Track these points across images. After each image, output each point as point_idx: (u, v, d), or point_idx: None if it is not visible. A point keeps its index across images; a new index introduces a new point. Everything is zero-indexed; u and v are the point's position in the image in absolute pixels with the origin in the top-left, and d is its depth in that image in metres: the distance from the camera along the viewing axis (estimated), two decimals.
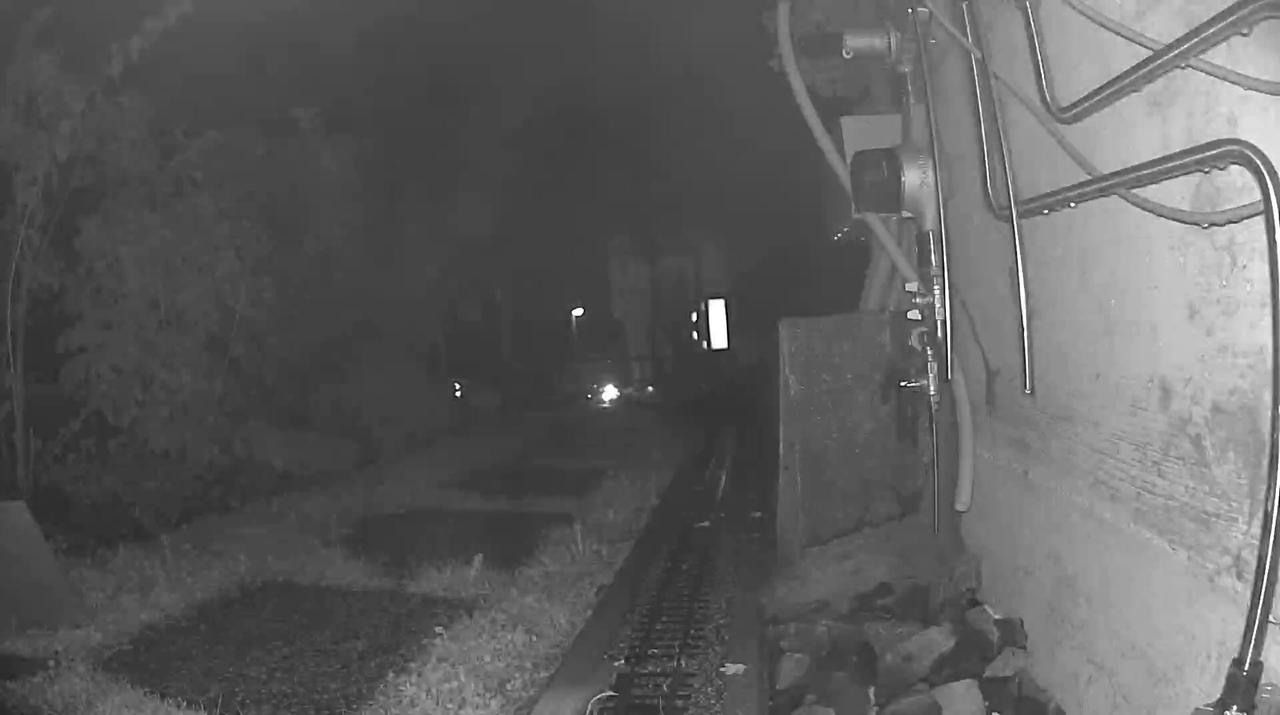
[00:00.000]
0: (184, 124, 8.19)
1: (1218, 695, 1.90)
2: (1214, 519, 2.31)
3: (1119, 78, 2.42)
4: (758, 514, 6.83)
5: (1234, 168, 2.03)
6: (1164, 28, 2.26)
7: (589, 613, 4.83)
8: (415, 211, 13.36)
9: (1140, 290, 2.65)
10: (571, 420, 18.11)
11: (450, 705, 3.74)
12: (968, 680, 3.27)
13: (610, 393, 22.48)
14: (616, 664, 3.98)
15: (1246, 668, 1.84)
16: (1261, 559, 1.82)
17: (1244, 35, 1.91)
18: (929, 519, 4.35)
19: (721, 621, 4.52)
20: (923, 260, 4.13)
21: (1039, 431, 3.55)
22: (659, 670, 3.90)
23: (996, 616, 3.69)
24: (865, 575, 4.51)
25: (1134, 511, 2.75)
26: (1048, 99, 2.84)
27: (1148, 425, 2.65)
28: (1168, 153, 2.28)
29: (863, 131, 4.80)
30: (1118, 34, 2.45)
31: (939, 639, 3.61)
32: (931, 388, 4.09)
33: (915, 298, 4.08)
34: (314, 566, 6.00)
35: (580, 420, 18.43)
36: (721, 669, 3.87)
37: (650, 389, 22.60)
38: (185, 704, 3.80)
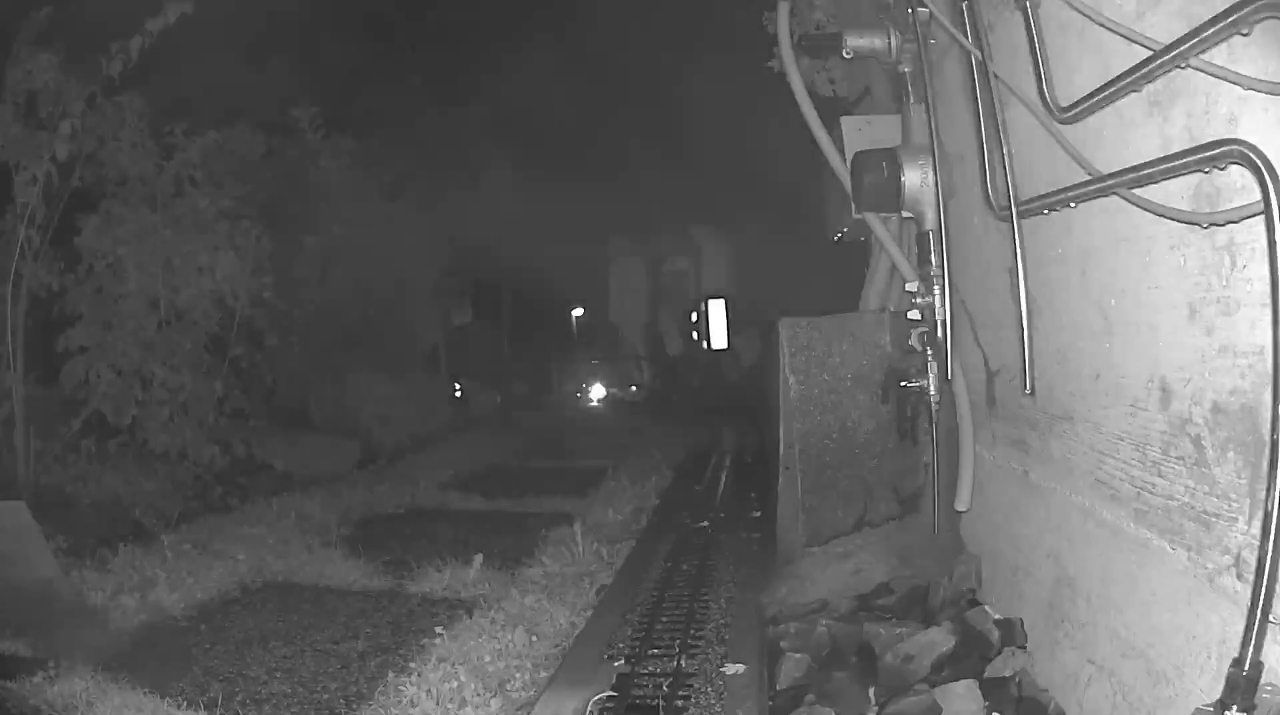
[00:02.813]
0: (184, 124, 8.19)
1: (1218, 695, 1.91)
2: (1214, 519, 2.31)
3: (1119, 78, 2.42)
4: (757, 514, 6.82)
5: (1234, 168, 2.03)
6: (1164, 28, 2.26)
7: (589, 613, 4.83)
8: (415, 211, 13.37)
9: (1140, 290, 2.65)
10: (571, 420, 18.12)
11: (450, 705, 3.74)
12: (968, 680, 3.27)
13: (598, 392, 22.54)
14: (616, 664, 3.97)
15: (1246, 668, 1.84)
16: (1261, 559, 1.82)
17: (1244, 35, 1.92)
18: (929, 519, 4.35)
19: (721, 621, 4.51)
20: (923, 260, 4.13)
21: (1039, 431, 3.55)
22: (659, 670, 3.90)
23: (996, 616, 3.68)
24: (865, 575, 4.51)
25: (1134, 511, 2.75)
26: (1048, 99, 2.85)
27: (1148, 425, 2.65)
28: (1168, 153, 2.28)
29: (863, 131, 4.80)
30: (1118, 34, 2.45)
31: (939, 639, 3.61)
32: (931, 388, 4.09)
33: (915, 298, 4.08)
34: (314, 566, 6.00)
35: (580, 420, 18.44)
36: (721, 669, 3.87)
37: (634, 389, 22.61)
38: (185, 704, 3.79)
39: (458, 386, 17.12)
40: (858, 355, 4.46)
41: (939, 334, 3.96)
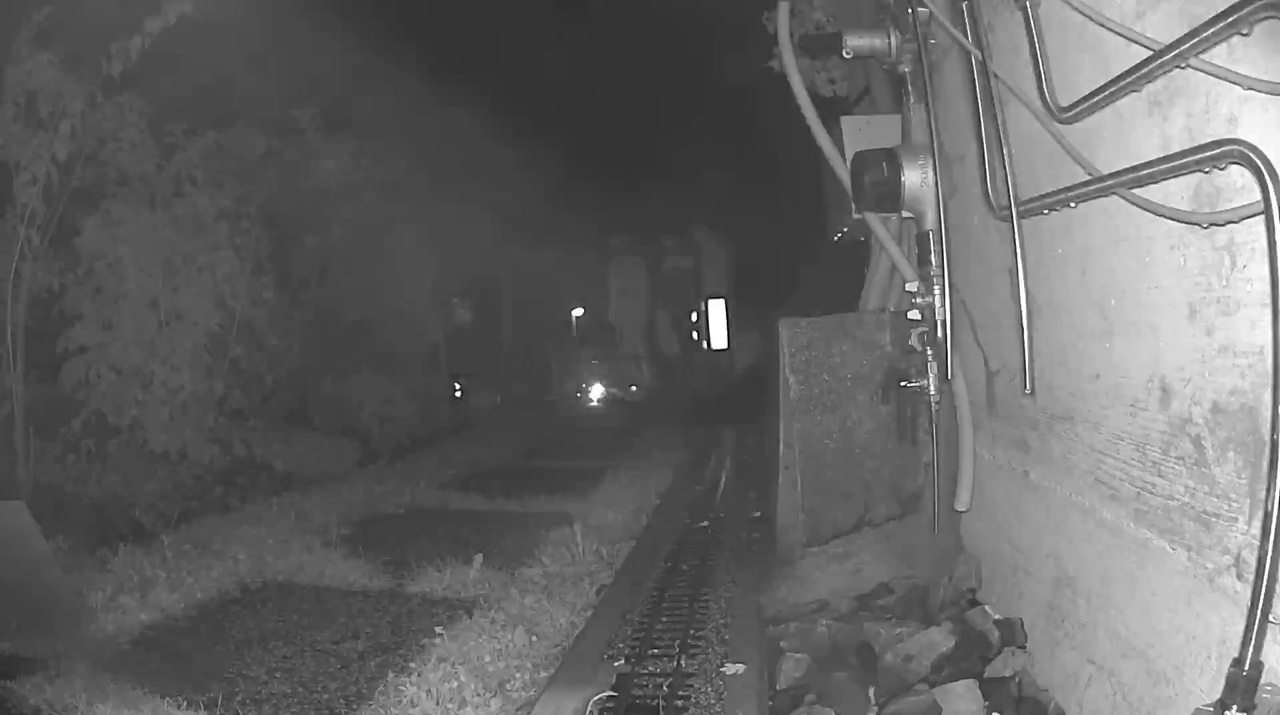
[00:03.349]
0: (184, 124, 8.19)
1: (1218, 695, 1.91)
2: (1214, 519, 2.31)
3: (1119, 78, 2.42)
4: (757, 514, 6.83)
5: (1234, 168, 2.03)
6: (1164, 28, 2.26)
7: (589, 613, 4.83)
8: (415, 211, 13.37)
9: (1140, 290, 2.65)
10: (570, 420, 18.13)
11: (450, 705, 3.74)
12: (968, 680, 3.27)
13: (598, 392, 22.61)
14: (617, 664, 3.98)
15: (1246, 668, 1.84)
16: (1261, 559, 1.82)
17: (1244, 35, 1.92)
18: (929, 519, 4.36)
19: (721, 622, 4.51)
20: (923, 260, 4.13)
21: (1039, 431, 3.55)
22: (659, 670, 3.90)
23: (996, 616, 3.69)
24: (865, 575, 4.51)
25: (1134, 511, 2.75)
26: (1048, 99, 2.85)
27: (1148, 425, 2.65)
28: (1168, 153, 2.28)
29: (863, 131, 4.80)
30: (1118, 34, 2.45)
31: (939, 639, 3.61)
32: (931, 388, 4.09)
33: (915, 298, 4.08)
34: (314, 566, 6.00)
35: (579, 420, 18.45)
36: (721, 669, 3.87)
37: (634, 388, 22.66)
38: (185, 704, 3.79)
39: (458, 386, 17.13)
40: (858, 355, 4.46)
41: (939, 334, 3.96)
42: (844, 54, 4.42)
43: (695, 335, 23.83)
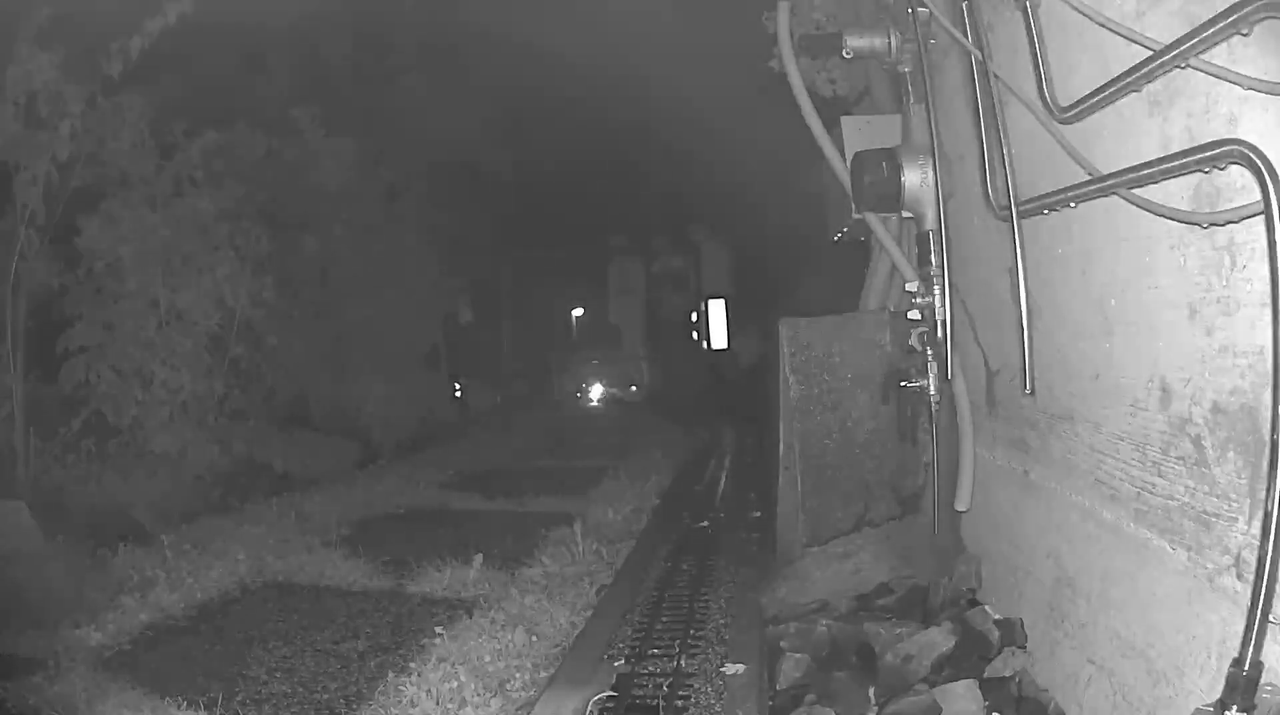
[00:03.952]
0: (184, 124, 8.20)
1: (1218, 695, 1.91)
2: (1214, 519, 2.31)
3: (1119, 78, 2.42)
4: (757, 514, 6.83)
5: (1234, 168, 2.03)
6: (1164, 28, 2.26)
7: (589, 613, 4.83)
8: (415, 211, 13.38)
9: (1140, 290, 2.65)
10: (571, 420, 18.14)
11: (450, 705, 3.74)
12: (968, 680, 3.27)
13: (598, 392, 22.66)
14: (617, 664, 3.98)
15: (1246, 668, 1.84)
16: (1261, 559, 1.82)
17: (1244, 35, 1.92)
18: (929, 519, 4.35)
19: (721, 621, 4.52)
20: (923, 260, 4.13)
21: (1039, 431, 3.55)
22: (659, 670, 3.90)
23: (996, 616, 3.69)
24: (865, 575, 4.51)
25: (1134, 511, 2.75)
26: (1048, 99, 2.85)
27: (1148, 425, 2.65)
28: (1168, 153, 2.28)
29: (863, 131, 4.80)
30: (1118, 34, 2.45)
31: (939, 639, 3.61)
32: (931, 388, 4.09)
33: (915, 298, 4.08)
34: (314, 566, 6.00)
35: (580, 420, 18.46)
36: (721, 669, 3.87)
37: (634, 388, 22.72)
38: (185, 704, 3.79)
39: (458, 386, 17.14)
40: (858, 355, 4.46)
41: (939, 334, 3.96)
42: (844, 54, 4.41)
43: (695, 335, 23.85)
